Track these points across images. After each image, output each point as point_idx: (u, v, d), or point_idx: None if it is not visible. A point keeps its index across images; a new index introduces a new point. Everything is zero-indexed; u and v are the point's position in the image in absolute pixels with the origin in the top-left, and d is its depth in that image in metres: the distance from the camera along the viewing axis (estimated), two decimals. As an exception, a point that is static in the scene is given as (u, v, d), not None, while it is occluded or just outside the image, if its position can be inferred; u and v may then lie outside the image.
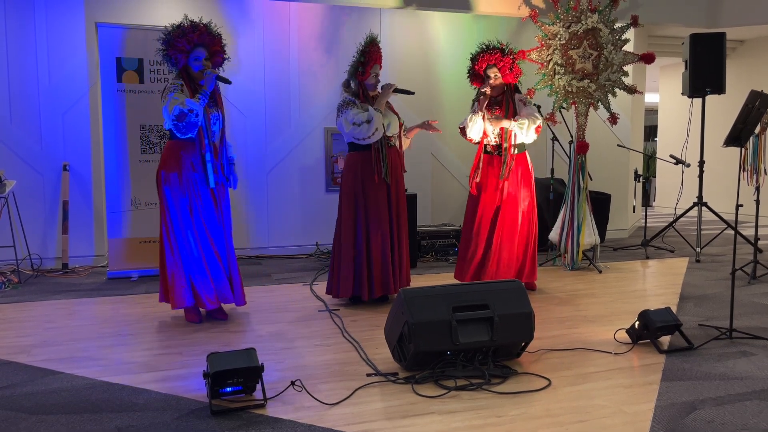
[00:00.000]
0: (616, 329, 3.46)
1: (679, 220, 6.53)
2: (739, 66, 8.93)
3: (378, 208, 4.11)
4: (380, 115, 4.02)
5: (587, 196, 5.46)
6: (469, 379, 2.77)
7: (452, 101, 6.60)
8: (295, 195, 6.30)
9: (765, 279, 4.93)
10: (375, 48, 4.13)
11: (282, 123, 6.22)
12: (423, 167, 6.64)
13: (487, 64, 4.42)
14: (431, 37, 6.61)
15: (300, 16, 6.21)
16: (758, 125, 4.93)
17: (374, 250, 4.10)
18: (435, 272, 5.41)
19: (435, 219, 6.69)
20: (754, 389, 2.67)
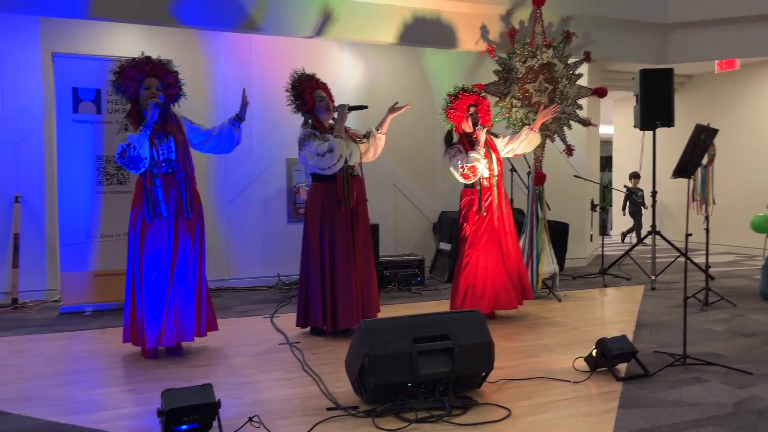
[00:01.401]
0: (575, 357, 3.50)
1: (635, 248, 6.70)
2: (687, 100, 9.32)
3: (342, 238, 4.10)
4: (341, 141, 4.04)
5: (546, 226, 5.57)
6: (429, 411, 2.75)
7: (409, 133, 6.68)
8: (257, 226, 6.25)
9: (717, 306, 5.07)
10: (303, 77, 4.20)
11: (243, 154, 6.19)
12: (385, 198, 6.68)
13: (469, 103, 4.59)
14: (389, 70, 6.72)
15: (261, 47, 6.25)
16: (706, 157, 5.14)
17: (339, 281, 4.08)
18: (398, 302, 5.41)
19: (398, 249, 6.72)
20: (707, 415, 2.73)
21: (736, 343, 3.94)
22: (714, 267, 7.10)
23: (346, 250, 4.10)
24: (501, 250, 4.61)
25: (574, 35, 5.63)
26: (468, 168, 4.44)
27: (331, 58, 6.47)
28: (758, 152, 8.38)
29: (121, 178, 5.14)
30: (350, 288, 4.09)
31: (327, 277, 4.09)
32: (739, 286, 6.01)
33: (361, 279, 4.17)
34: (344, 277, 4.08)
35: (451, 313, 3.17)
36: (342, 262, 4.09)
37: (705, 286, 5.16)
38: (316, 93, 4.21)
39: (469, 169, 4.44)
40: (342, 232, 4.10)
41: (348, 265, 4.09)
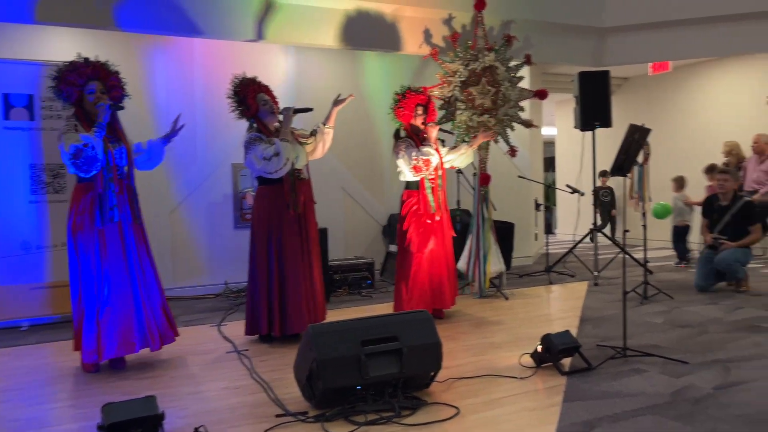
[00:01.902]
0: (521, 354, 3.58)
1: (578, 245, 6.88)
2: (624, 101, 9.66)
3: (291, 242, 4.07)
4: (288, 144, 4.01)
5: (492, 226, 5.66)
6: (379, 413, 2.75)
7: (357, 135, 6.69)
8: (202, 233, 6.13)
9: (655, 299, 5.27)
10: (245, 82, 4.17)
11: (187, 159, 6.07)
12: (334, 202, 6.66)
13: (417, 102, 4.64)
14: (334, 74, 6.71)
15: (204, 51, 6.14)
16: (642, 155, 5.33)
17: (288, 285, 4.05)
18: (348, 306, 5.39)
19: (348, 252, 6.70)
20: (646, 405, 2.82)
21: (673, 334, 4.10)
22: (652, 262, 7.37)
23: (294, 254, 4.07)
24: (444, 251, 4.67)
25: (514, 39, 5.75)
26: (422, 160, 4.46)
27: (275, 61, 6.41)
28: (691, 150, 8.76)
29: (57, 186, 4.95)
30: (299, 292, 4.06)
31: (275, 282, 4.04)
32: (676, 280, 6.26)
33: (310, 283, 4.15)
34: (293, 282, 4.05)
35: (399, 315, 3.18)
36: (291, 267, 4.05)
37: (644, 281, 5.35)
38: (258, 96, 4.17)
39: (424, 162, 4.46)
40: (290, 236, 4.07)
41: (296, 269, 4.06)
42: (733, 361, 3.44)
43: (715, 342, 3.86)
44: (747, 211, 5.56)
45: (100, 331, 3.49)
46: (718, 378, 3.16)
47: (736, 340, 3.90)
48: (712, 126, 8.51)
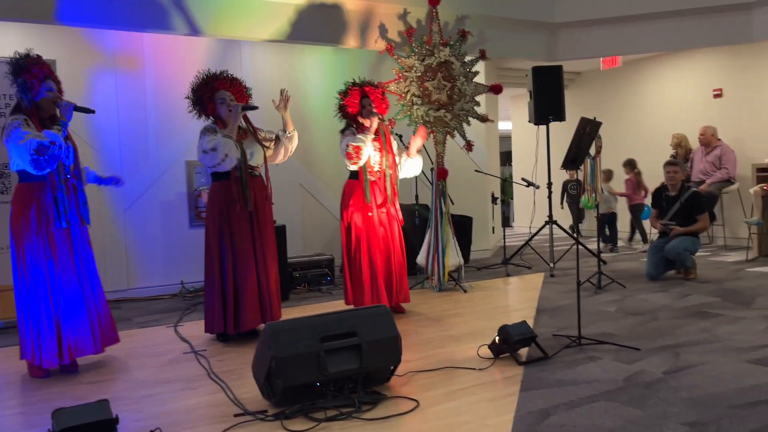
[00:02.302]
0: (480, 345, 3.62)
1: (534, 238, 7.01)
2: (578, 95, 9.86)
3: (242, 239, 4.02)
4: (229, 141, 3.93)
5: (450, 220, 5.71)
6: (339, 408, 2.75)
7: (315, 131, 6.66)
8: (157, 232, 6.00)
9: (609, 288, 5.40)
10: (206, 79, 4.12)
11: (139, 158, 5.93)
12: (292, 198, 6.61)
13: (360, 95, 4.57)
14: (292, 69, 6.66)
15: (155, 46, 6.00)
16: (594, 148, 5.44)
17: (240, 282, 4.00)
18: (308, 303, 5.37)
19: (306, 250, 6.66)
20: (601, 391, 2.90)
21: (625, 321, 4.22)
22: (606, 252, 7.57)
23: (246, 251, 4.02)
24: (390, 246, 4.58)
25: (469, 34, 5.80)
26: (352, 147, 4.37)
27: (230, 57, 6.31)
28: (641, 142, 9.01)
29: (1, 186, 4.77)
30: (250, 290, 4.01)
31: (228, 279, 4.00)
32: (628, 269, 6.43)
33: (265, 280, 4.11)
34: (243, 279, 4.00)
35: (357, 310, 3.18)
36: (242, 264, 4.00)
37: (598, 271, 5.48)
38: (217, 95, 4.11)
39: (353, 149, 4.36)
40: (241, 232, 4.02)
41: (247, 266, 4.01)
42: (682, 346, 3.56)
43: (665, 328, 3.99)
44: (694, 201, 5.75)
45: (60, 335, 3.39)
46: (667, 363, 3.26)
47: (684, 325, 4.03)
48: (661, 119, 8.77)
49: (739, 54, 7.80)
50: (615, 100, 9.41)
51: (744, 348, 3.47)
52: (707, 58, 8.19)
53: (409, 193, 6.82)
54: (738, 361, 3.24)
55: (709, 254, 7.22)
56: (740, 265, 6.36)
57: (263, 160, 4.24)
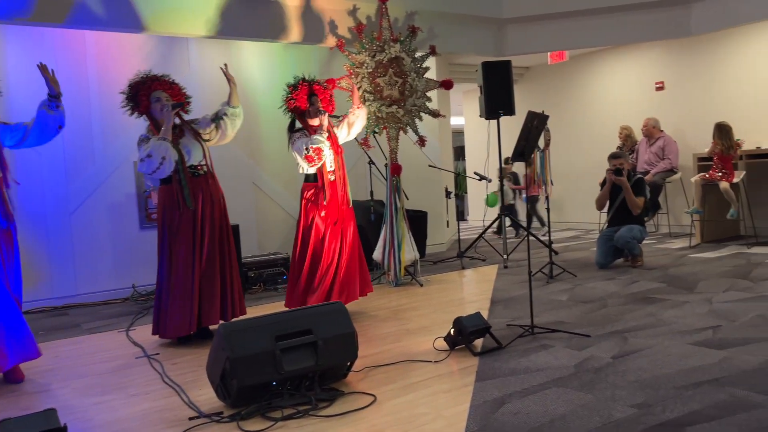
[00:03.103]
0: (435, 338, 3.66)
1: (488, 230, 7.11)
2: (527, 90, 10.05)
3: (185, 240, 3.94)
4: (163, 143, 3.85)
5: (404, 215, 5.74)
6: (296, 407, 2.74)
7: (267, 129, 6.59)
8: (105, 235, 5.84)
9: (560, 278, 5.54)
10: (143, 80, 4.04)
11: (85, 159, 5.76)
12: (245, 197, 6.53)
13: (309, 92, 4.50)
14: (243, 66, 6.57)
15: (99, 44, 5.83)
16: (543, 141, 5.57)
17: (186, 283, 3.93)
18: (265, 303, 5.32)
19: (262, 249, 6.60)
20: (553, 378, 2.97)
21: (576, 309, 4.33)
22: (557, 243, 7.75)
23: (190, 252, 3.95)
24: (340, 245, 4.52)
25: (419, 30, 5.84)
26: (313, 150, 4.33)
27: (176, 54, 6.18)
28: (589, 135, 9.25)
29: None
30: (190, 292, 3.93)
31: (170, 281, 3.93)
32: (579, 258, 6.60)
33: (220, 282, 4.04)
34: (191, 280, 3.93)
35: (312, 308, 3.17)
36: (182, 266, 3.93)
37: (549, 261, 5.61)
38: (153, 94, 4.02)
39: (314, 151, 4.32)
40: (184, 234, 3.95)
41: (188, 268, 3.94)
42: (629, 331, 3.67)
43: (614, 314, 4.11)
44: (637, 186, 5.92)
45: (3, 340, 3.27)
46: (616, 348, 3.36)
47: (632, 311, 4.17)
48: (607, 111, 9.02)
49: (679, 48, 8.08)
50: (563, 93, 9.63)
51: (687, 331, 3.61)
52: (649, 53, 8.47)
53: (364, 189, 6.83)
54: (682, 344, 3.36)
55: (655, 242, 7.48)
56: (684, 252, 6.60)
57: (203, 156, 4.14)
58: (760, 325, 3.64)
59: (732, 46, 7.55)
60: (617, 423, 2.39)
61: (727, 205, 6.69)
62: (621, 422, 2.39)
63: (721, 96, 7.69)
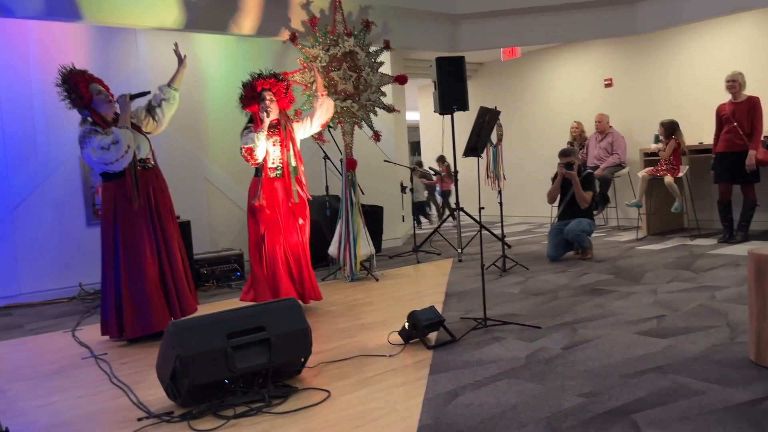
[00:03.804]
0: (390, 332, 3.67)
1: (443, 224, 7.17)
2: (481, 86, 10.16)
3: (140, 237, 3.86)
4: (127, 131, 3.78)
5: (360, 210, 5.74)
6: (249, 404, 2.71)
7: (218, 123, 6.48)
8: (50, 232, 5.65)
9: (513, 270, 5.63)
10: (74, 72, 3.93)
11: (27, 154, 5.55)
12: (196, 192, 6.41)
13: (262, 88, 4.44)
14: (195, 58, 6.43)
15: (42, 35, 5.61)
16: (496, 136, 5.64)
17: (138, 282, 3.84)
18: (217, 300, 5.23)
19: (214, 245, 6.49)
20: (505, 369, 3.02)
21: (528, 302, 4.41)
22: (510, 236, 7.88)
23: (144, 250, 3.87)
24: (285, 244, 4.47)
25: (373, 24, 5.83)
26: (245, 150, 4.28)
27: (124, 46, 6.01)
28: (540, 130, 9.42)
29: None
30: (155, 288, 3.87)
31: (126, 279, 3.83)
32: (531, 251, 6.73)
33: (172, 276, 3.97)
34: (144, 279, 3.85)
35: (265, 304, 3.13)
36: (140, 263, 3.85)
37: (502, 254, 5.70)
38: (92, 86, 3.91)
39: (246, 151, 4.28)
40: (140, 229, 3.86)
41: (148, 264, 3.87)
42: (579, 322, 3.77)
43: (564, 306, 4.21)
44: (587, 180, 6.07)
45: None
46: (566, 339, 3.45)
47: (581, 303, 4.27)
48: (558, 107, 9.20)
49: (626, 46, 8.30)
50: (516, 89, 9.78)
51: (634, 321, 3.73)
52: (598, 50, 8.67)
53: (320, 184, 6.79)
54: (628, 334, 3.47)
55: (604, 235, 7.68)
56: (631, 244, 6.81)
57: (149, 149, 4.05)
58: (701, 314, 3.78)
59: (675, 45, 7.81)
60: (566, 412, 2.45)
61: (672, 199, 6.93)
62: (570, 411, 2.45)
63: (665, 93, 7.94)
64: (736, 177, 6.28)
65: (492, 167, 5.53)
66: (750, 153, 6.11)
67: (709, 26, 7.43)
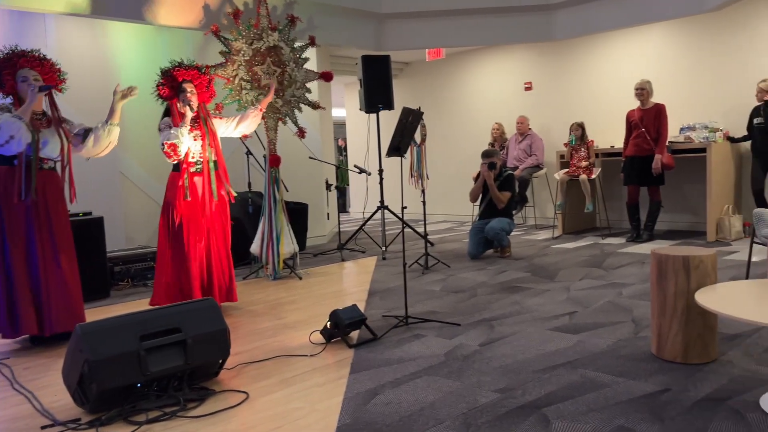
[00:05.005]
0: (312, 331, 3.65)
1: (368, 222, 7.20)
2: (406, 85, 10.26)
3: (18, 232, 3.63)
4: (17, 122, 3.53)
5: (284, 207, 5.67)
6: (162, 408, 2.62)
7: (135, 114, 6.22)
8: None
9: (435, 268, 5.73)
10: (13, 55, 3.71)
11: None
12: (111, 187, 6.14)
13: (183, 78, 4.28)
14: (109, 47, 6.15)
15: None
16: (419, 136, 5.72)
17: (18, 280, 3.62)
18: (132, 300, 5.04)
19: (129, 242, 6.24)
20: (424, 366, 3.07)
21: (448, 299, 4.50)
22: (433, 234, 8.02)
23: (21, 246, 3.64)
24: (207, 243, 4.34)
25: (298, 19, 5.76)
26: (168, 146, 4.12)
27: (31, 31, 5.66)
28: (463, 131, 9.63)
29: None
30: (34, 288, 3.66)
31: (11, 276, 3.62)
32: (453, 249, 6.87)
33: (48, 290, 3.70)
34: (24, 277, 3.64)
35: (182, 305, 3.04)
36: (16, 262, 3.62)
37: (425, 252, 5.79)
38: (19, 73, 3.67)
39: (169, 147, 4.12)
40: (16, 225, 3.63)
41: (23, 265, 3.64)
42: (496, 319, 3.88)
43: (483, 303, 4.32)
44: (506, 181, 6.26)
45: None
46: (483, 335, 3.54)
47: (499, 300, 4.41)
48: (480, 109, 9.44)
49: (546, 51, 8.62)
50: (440, 90, 9.95)
51: (548, 317, 3.88)
52: (520, 54, 8.95)
53: (242, 180, 6.66)
54: (542, 330, 3.60)
55: (523, 233, 7.95)
56: (548, 243, 7.08)
57: (60, 153, 3.81)
58: (610, 310, 3.99)
59: (591, 52, 8.17)
60: (482, 408, 2.52)
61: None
62: (485, 407, 2.52)
63: (581, 98, 8.30)
64: (644, 180, 6.65)
65: (416, 166, 5.60)
66: (656, 157, 6.49)
67: (622, 36, 7.83)
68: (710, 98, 7.15)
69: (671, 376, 2.76)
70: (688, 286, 2.88)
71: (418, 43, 7.98)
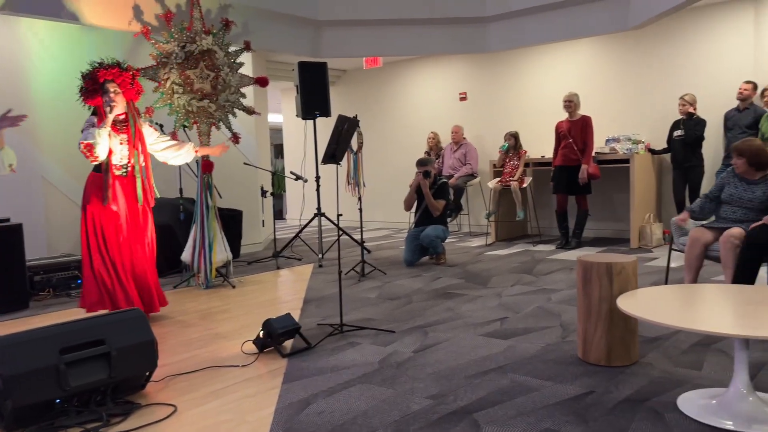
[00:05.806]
0: (244, 341, 3.58)
1: (305, 230, 7.15)
2: (344, 92, 10.27)
3: None
4: None
5: (217, 214, 5.54)
6: (83, 425, 2.50)
7: (57, 116, 5.96)
8: None
9: (372, 275, 5.74)
10: None
11: None
12: (32, 192, 5.84)
13: (104, 79, 4.11)
14: (27, 47, 5.86)
15: None
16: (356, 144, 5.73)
17: None
18: (54, 310, 4.80)
19: (51, 250, 5.95)
20: (358, 375, 3.06)
21: (384, 306, 4.52)
22: (369, 242, 8.03)
23: None
24: (130, 250, 4.20)
25: (233, 24, 5.67)
26: (84, 145, 3.95)
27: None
28: (399, 139, 9.72)
29: None
30: None
31: None
32: (389, 257, 6.90)
33: None
34: None
35: (106, 316, 2.91)
36: None
37: (361, 260, 5.79)
38: None
39: (85, 147, 3.96)
40: None
41: None
42: (430, 326, 3.92)
43: (417, 310, 4.36)
44: (441, 189, 6.36)
45: None
46: (417, 342, 3.57)
47: (433, 306, 4.46)
48: (416, 117, 9.56)
49: (480, 62, 8.82)
50: (377, 98, 10.01)
51: (479, 323, 3.95)
52: (455, 65, 9.13)
53: (173, 186, 6.48)
54: (474, 336, 3.67)
55: (457, 240, 8.08)
56: (481, 250, 7.22)
57: None
58: (539, 315, 4.10)
59: (522, 65, 8.43)
60: (414, 415, 2.53)
61: (517, 208, 7.46)
62: (417, 414, 2.54)
63: (513, 108, 8.54)
64: (572, 189, 6.90)
65: (352, 174, 5.60)
66: (582, 167, 6.74)
67: (552, 50, 8.11)
68: (634, 111, 7.51)
69: (595, 379, 2.86)
70: (611, 292, 3.00)
71: (355, 50, 8.00)
